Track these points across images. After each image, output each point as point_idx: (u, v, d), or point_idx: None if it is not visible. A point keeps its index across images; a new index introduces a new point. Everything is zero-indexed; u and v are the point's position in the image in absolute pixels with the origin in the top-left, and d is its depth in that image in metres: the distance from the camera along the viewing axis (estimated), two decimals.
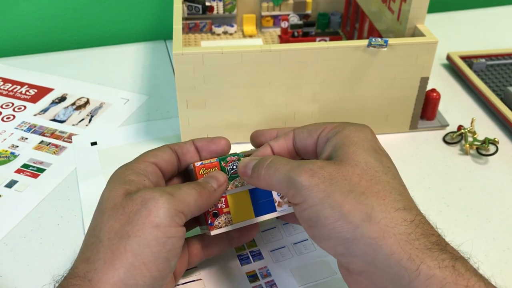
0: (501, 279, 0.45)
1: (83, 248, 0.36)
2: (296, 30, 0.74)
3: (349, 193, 0.33)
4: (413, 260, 0.31)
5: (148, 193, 0.36)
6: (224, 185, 0.40)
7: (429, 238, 0.32)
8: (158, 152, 0.42)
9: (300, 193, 0.35)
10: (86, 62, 0.76)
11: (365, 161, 0.35)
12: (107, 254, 0.34)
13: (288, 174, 0.36)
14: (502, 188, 0.55)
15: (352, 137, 0.37)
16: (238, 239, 0.44)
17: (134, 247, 0.34)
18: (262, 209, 0.42)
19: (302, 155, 0.42)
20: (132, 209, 0.35)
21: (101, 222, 0.35)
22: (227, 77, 0.54)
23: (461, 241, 0.49)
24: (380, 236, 0.32)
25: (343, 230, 0.33)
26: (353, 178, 0.34)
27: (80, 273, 0.34)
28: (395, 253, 0.31)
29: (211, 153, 0.43)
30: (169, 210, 0.35)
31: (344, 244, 0.33)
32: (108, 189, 0.38)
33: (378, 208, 0.33)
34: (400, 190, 0.35)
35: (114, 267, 0.33)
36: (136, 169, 0.39)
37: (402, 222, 0.32)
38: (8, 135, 0.61)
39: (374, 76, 0.56)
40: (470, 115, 0.65)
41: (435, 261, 0.31)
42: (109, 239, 0.34)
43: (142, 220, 0.34)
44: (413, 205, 0.35)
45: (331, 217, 0.33)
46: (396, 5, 0.59)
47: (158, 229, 0.34)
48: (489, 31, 0.87)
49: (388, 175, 0.35)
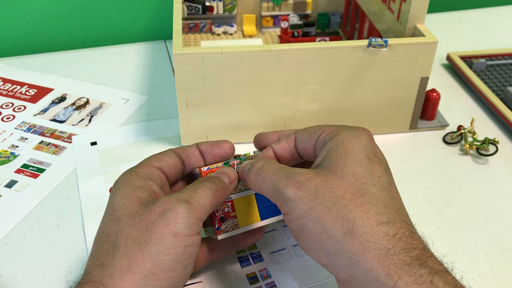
0: (502, 279, 0.45)
1: (96, 254, 0.35)
2: (296, 30, 0.73)
3: (332, 207, 0.34)
4: (391, 276, 0.31)
5: (166, 202, 0.36)
6: (235, 182, 0.41)
7: (410, 253, 0.32)
8: (162, 156, 0.41)
9: (286, 205, 0.35)
10: (86, 62, 0.76)
11: (352, 172, 0.35)
12: (123, 260, 0.34)
13: (275, 185, 0.36)
14: (502, 188, 0.55)
15: (346, 144, 0.37)
16: (244, 241, 0.44)
17: (153, 254, 0.34)
18: (268, 213, 0.42)
19: (303, 156, 0.42)
20: (150, 218, 0.35)
21: (116, 230, 0.35)
22: (227, 77, 0.54)
23: (461, 241, 0.49)
24: (360, 251, 0.32)
25: (325, 243, 0.33)
26: (338, 191, 0.34)
27: (95, 278, 0.33)
28: (373, 268, 0.32)
29: (215, 157, 0.43)
30: (188, 219, 0.35)
31: (327, 257, 0.33)
32: (118, 195, 0.37)
33: (360, 223, 0.33)
34: (386, 202, 0.35)
35: (132, 273, 0.33)
36: (141, 174, 0.39)
37: (383, 237, 0.33)
38: (8, 135, 0.61)
39: (374, 76, 0.56)
40: (470, 115, 0.65)
41: (413, 277, 0.31)
42: (126, 245, 0.34)
43: (161, 229, 0.34)
44: (398, 217, 0.34)
45: (314, 230, 0.33)
46: (396, 5, 0.59)
47: (177, 238, 0.34)
48: (489, 31, 0.87)
49: (376, 186, 0.35)
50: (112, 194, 0.38)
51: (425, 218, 0.51)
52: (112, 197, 0.38)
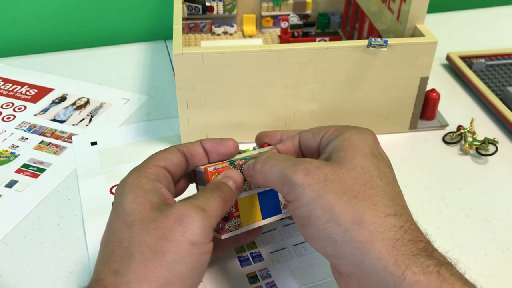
0: (501, 279, 0.45)
1: (108, 259, 0.34)
2: (296, 30, 0.74)
3: (342, 196, 0.34)
4: (399, 265, 0.31)
5: (182, 209, 0.35)
6: (241, 184, 0.40)
7: (416, 245, 0.33)
8: (167, 155, 0.41)
9: (293, 191, 0.35)
10: (86, 62, 0.76)
11: (361, 165, 0.36)
12: (140, 268, 0.33)
13: (283, 171, 0.36)
14: (501, 188, 0.55)
15: (352, 141, 0.37)
16: (244, 238, 0.44)
17: (170, 263, 0.33)
18: (269, 212, 0.42)
19: (307, 157, 0.42)
20: (166, 224, 0.34)
21: (130, 236, 0.34)
22: (227, 77, 0.54)
23: (460, 241, 0.49)
24: (368, 241, 0.32)
25: (333, 232, 0.33)
26: (348, 181, 0.34)
27: (109, 285, 0.33)
28: (381, 258, 0.32)
29: (220, 155, 0.43)
30: (204, 227, 0.35)
31: (333, 246, 0.33)
32: (129, 199, 0.36)
33: (369, 213, 0.33)
34: (393, 196, 0.35)
35: (149, 282, 0.33)
36: (149, 175, 0.38)
37: (391, 228, 0.33)
38: (8, 135, 0.61)
39: (374, 76, 0.56)
40: (469, 115, 0.65)
41: (420, 267, 0.31)
42: (141, 252, 0.33)
43: (178, 237, 0.34)
44: (404, 211, 0.35)
45: (322, 218, 0.33)
46: (396, 5, 0.59)
47: (194, 247, 0.34)
48: (489, 31, 0.87)
49: (383, 180, 0.35)
50: (121, 197, 0.37)
51: (425, 218, 0.51)
52: (121, 200, 0.36)
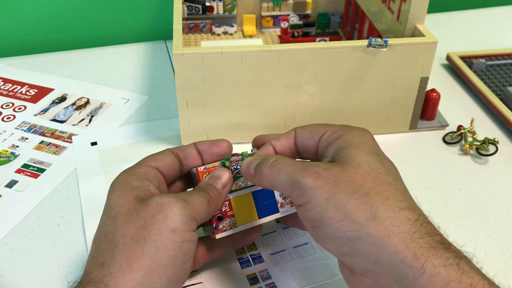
0: (501, 279, 0.45)
1: (95, 254, 0.35)
2: (296, 30, 0.74)
3: (353, 194, 0.34)
4: (418, 258, 0.31)
5: (164, 198, 0.36)
6: (229, 183, 0.41)
7: (433, 237, 0.32)
8: (159, 156, 0.42)
9: (304, 194, 0.35)
10: (86, 62, 0.76)
11: (367, 162, 0.36)
12: (123, 258, 0.34)
13: (292, 175, 0.36)
14: (501, 188, 0.55)
15: (353, 141, 0.38)
16: (242, 240, 0.44)
17: (152, 251, 0.34)
18: (265, 211, 0.42)
19: (303, 154, 0.42)
20: (147, 213, 0.35)
21: (114, 228, 0.35)
22: (227, 77, 0.54)
23: (460, 241, 0.49)
24: (385, 235, 0.32)
25: (348, 229, 0.33)
26: (357, 179, 0.35)
27: (96, 278, 0.33)
28: (400, 251, 0.31)
29: (213, 156, 0.43)
30: (184, 215, 0.35)
31: (349, 244, 0.33)
32: (115, 195, 0.37)
33: (382, 208, 0.33)
34: (403, 191, 0.35)
35: (132, 271, 0.33)
36: (138, 174, 0.39)
37: (406, 221, 0.33)
38: (8, 135, 0.61)
39: (374, 76, 0.56)
40: (470, 115, 0.65)
41: (440, 259, 0.31)
42: (125, 243, 0.34)
43: (159, 224, 0.35)
44: (416, 205, 0.35)
45: (336, 217, 0.33)
46: (396, 5, 0.59)
47: (175, 233, 0.35)
48: (489, 31, 0.87)
49: (390, 176, 0.36)
50: (109, 194, 0.38)
51: None
52: (109, 197, 0.38)
